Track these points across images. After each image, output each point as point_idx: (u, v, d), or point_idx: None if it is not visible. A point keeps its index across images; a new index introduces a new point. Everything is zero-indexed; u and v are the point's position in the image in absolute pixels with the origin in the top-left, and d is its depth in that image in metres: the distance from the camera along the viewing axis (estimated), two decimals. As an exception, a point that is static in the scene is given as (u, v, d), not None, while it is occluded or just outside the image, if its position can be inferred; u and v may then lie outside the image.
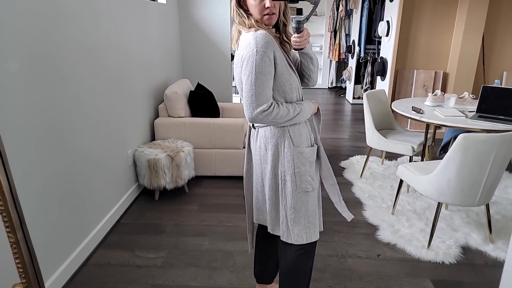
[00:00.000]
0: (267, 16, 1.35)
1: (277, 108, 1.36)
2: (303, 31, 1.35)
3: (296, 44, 1.38)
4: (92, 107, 2.20)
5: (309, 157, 1.49)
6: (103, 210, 2.40)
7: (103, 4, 2.30)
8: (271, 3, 1.32)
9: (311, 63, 1.50)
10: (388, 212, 2.70)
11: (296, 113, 1.41)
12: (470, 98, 3.02)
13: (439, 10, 4.43)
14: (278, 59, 1.35)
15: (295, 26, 1.34)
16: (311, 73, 1.54)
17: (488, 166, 2.03)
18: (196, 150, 3.16)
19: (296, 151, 1.46)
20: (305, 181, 1.48)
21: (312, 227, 1.53)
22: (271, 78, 1.34)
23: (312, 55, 1.49)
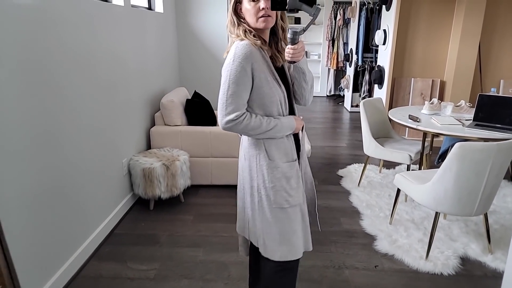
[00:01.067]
0: (263, 19, 1.31)
1: (248, 119, 1.34)
2: (298, 43, 1.31)
3: (290, 56, 1.32)
4: (86, 115, 2.19)
5: (286, 172, 1.44)
6: (96, 220, 2.37)
7: (97, 13, 2.30)
8: (266, 3, 1.29)
9: (304, 79, 1.43)
10: (385, 222, 2.66)
11: (269, 128, 1.36)
12: (467, 106, 3.01)
13: (435, 19, 4.44)
14: (257, 72, 1.32)
15: (291, 37, 1.30)
16: (303, 91, 1.46)
17: (485, 175, 2.01)
18: (192, 158, 3.14)
19: (271, 165, 1.43)
20: (280, 196, 1.44)
21: (289, 245, 1.46)
22: (245, 89, 1.33)
23: (306, 71, 1.42)
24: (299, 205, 1.49)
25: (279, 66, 1.44)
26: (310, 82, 1.46)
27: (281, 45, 1.42)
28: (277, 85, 1.38)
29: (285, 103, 1.42)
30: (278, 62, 1.42)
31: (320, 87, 8.11)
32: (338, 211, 2.90)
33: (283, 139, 1.45)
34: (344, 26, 7.25)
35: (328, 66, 7.78)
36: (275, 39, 1.42)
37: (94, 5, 2.26)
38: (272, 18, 1.33)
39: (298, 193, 1.48)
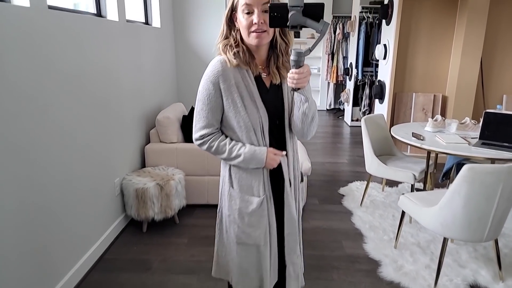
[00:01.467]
0: (255, 34, 1.17)
1: (213, 141, 1.27)
2: (304, 66, 1.12)
3: (294, 82, 1.13)
4: (76, 133, 2.08)
5: (242, 208, 1.31)
6: (85, 244, 2.24)
7: (91, 28, 2.22)
8: (260, 18, 1.15)
9: (304, 111, 1.23)
10: (390, 245, 2.54)
11: (231, 156, 1.26)
12: (472, 124, 2.91)
13: (436, 33, 4.40)
14: (226, 92, 1.22)
15: (294, 59, 1.11)
16: (300, 123, 1.27)
17: (495, 199, 1.90)
18: (188, 177, 3.02)
19: (231, 193, 1.34)
20: (233, 230, 1.34)
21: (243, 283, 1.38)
22: (211, 108, 1.25)
23: (309, 99, 1.22)
24: (256, 246, 1.35)
25: (277, 83, 1.29)
26: (311, 114, 1.25)
27: (283, 61, 1.28)
28: (254, 109, 1.24)
29: (261, 131, 1.27)
30: (275, 79, 1.28)
31: (320, 100, 8.05)
32: (340, 233, 2.77)
33: (252, 169, 1.30)
34: (343, 40, 7.23)
35: (327, 80, 7.74)
36: (275, 54, 1.27)
37: (87, 20, 2.19)
38: (268, 34, 1.20)
39: (257, 233, 1.33)
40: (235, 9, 1.22)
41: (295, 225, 1.40)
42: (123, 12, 2.62)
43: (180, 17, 3.92)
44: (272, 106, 1.28)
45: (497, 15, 4.25)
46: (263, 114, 1.25)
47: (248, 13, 1.17)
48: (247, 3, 1.16)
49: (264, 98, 1.27)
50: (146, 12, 3.39)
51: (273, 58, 1.28)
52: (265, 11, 1.16)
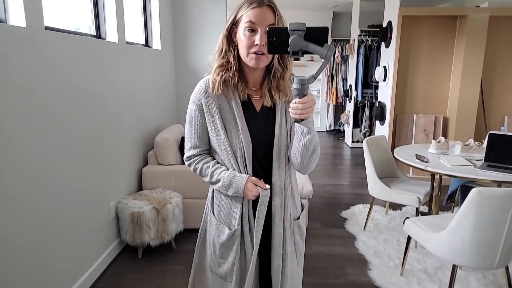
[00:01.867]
0: (255, 56, 1.09)
1: (198, 163, 1.24)
2: (308, 95, 1.00)
3: (298, 113, 1.01)
4: (68, 154, 2.02)
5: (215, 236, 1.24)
6: (76, 272, 2.14)
7: (90, 49, 2.20)
8: (262, 40, 1.07)
9: (305, 143, 1.10)
10: (396, 273, 2.43)
11: (212, 180, 1.20)
12: (476, 145, 2.86)
13: (435, 56, 4.42)
14: (208, 113, 1.18)
15: (298, 87, 0.99)
16: (300, 156, 1.14)
17: (506, 224, 1.82)
18: (186, 200, 2.94)
19: (212, 219, 1.29)
20: (208, 256, 1.30)
21: None
22: (196, 129, 1.22)
23: (312, 131, 1.10)
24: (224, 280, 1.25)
25: (268, 106, 1.19)
26: (312, 146, 1.12)
27: (277, 84, 1.18)
28: (235, 134, 1.16)
29: (243, 158, 1.17)
30: (266, 102, 1.18)
31: (320, 122, 8.05)
32: (343, 259, 2.66)
33: (231, 198, 1.20)
34: (342, 63, 7.30)
35: (327, 101, 7.77)
36: (270, 77, 1.18)
37: (86, 42, 2.18)
38: (267, 57, 1.11)
39: (225, 266, 1.23)
40: (236, 24, 1.14)
41: (276, 276, 1.23)
42: (122, 34, 2.62)
43: (180, 40, 3.94)
44: (260, 131, 1.19)
45: (496, 36, 4.28)
46: (245, 139, 1.16)
47: (250, 31, 1.09)
48: (252, 20, 1.08)
49: (251, 123, 1.18)
50: (146, 35, 3.41)
51: (267, 81, 1.19)
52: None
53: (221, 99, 1.17)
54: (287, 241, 1.23)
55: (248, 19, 1.08)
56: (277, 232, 1.20)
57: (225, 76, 1.15)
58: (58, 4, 2.13)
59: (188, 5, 3.86)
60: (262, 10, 1.08)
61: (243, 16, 1.10)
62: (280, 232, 1.20)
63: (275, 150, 1.18)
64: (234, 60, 1.15)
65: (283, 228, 1.21)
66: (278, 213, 1.20)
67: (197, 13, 3.87)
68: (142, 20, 3.35)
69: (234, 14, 1.14)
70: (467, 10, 4.30)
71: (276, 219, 1.20)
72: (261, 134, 1.19)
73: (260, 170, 1.21)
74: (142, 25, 3.36)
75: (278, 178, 1.19)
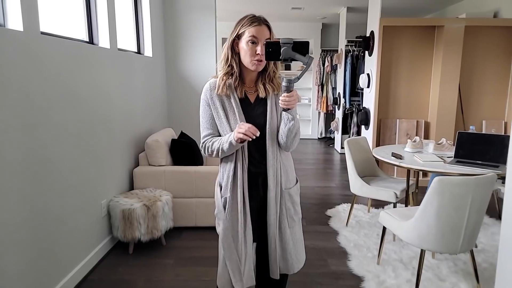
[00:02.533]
0: (256, 62, 1.44)
1: (208, 143, 1.54)
2: (293, 91, 1.38)
3: (285, 104, 1.39)
4: (62, 155, 2.17)
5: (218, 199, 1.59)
6: (69, 265, 2.26)
7: (82, 54, 2.37)
8: (262, 50, 1.40)
9: (289, 127, 1.46)
10: (373, 262, 2.57)
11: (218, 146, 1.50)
12: (448, 144, 3.04)
13: (416, 64, 4.64)
14: (213, 106, 1.52)
15: (286, 85, 1.35)
16: (284, 136, 1.49)
17: (466, 210, 1.98)
18: (176, 199, 3.08)
19: (217, 192, 1.61)
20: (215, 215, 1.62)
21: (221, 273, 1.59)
22: (207, 118, 1.55)
23: (295, 118, 1.46)
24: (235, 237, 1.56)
25: (262, 97, 1.53)
26: (295, 130, 1.49)
27: (269, 81, 1.52)
28: (234, 121, 1.50)
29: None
30: (261, 93, 1.52)
31: (311, 129, 8.24)
32: (325, 252, 2.80)
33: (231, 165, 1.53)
34: (332, 72, 7.53)
35: (318, 109, 7.97)
36: (264, 75, 1.52)
37: (79, 47, 2.35)
38: (264, 63, 1.47)
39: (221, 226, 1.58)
40: (238, 37, 1.47)
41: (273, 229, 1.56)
42: (114, 41, 2.80)
43: (171, 47, 4.13)
44: (255, 117, 1.52)
45: (473, 45, 4.51)
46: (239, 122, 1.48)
47: (252, 43, 1.43)
48: (254, 35, 1.42)
49: (247, 112, 1.52)
50: (138, 42, 3.60)
51: (262, 78, 1.53)
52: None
53: (223, 96, 1.52)
54: (281, 205, 1.57)
55: (251, 34, 1.43)
56: (272, 196, 1.54)
57: (228, 81, 1.50)
58: (54, 10, 2.31)
59: (178, 14, 4.07)
60: (262, 27, 1.44)
61: (246, 31, 1.44)
62: (273, 195, 1.54)
63: (268, 131, 1.51)
64: (237, 66, 1.50)
65: (275, 192, 1.54)
66: (272, 181, 1.53)
67: (187, 21, 4.07)
68: (134, 28, 3.54)
69: (237, 30, 1.47)
70: (443, 21, 4.56)
71: (270, 186, 1.53)
72: (255, 119, 1.51)
73: (254, 149, 1.53)
74: (134, 33, 3.55)
75: (272, 154, 1.52)
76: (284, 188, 1.58)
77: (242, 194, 1.53)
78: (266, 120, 1.52)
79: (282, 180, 1.56)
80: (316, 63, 7.76)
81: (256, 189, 1.56)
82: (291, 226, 1.62)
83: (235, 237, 1.55)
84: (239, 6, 5.86)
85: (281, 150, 1.57)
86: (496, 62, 4.52)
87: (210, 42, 4.10)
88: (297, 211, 1.65)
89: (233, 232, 1.56)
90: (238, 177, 1.51)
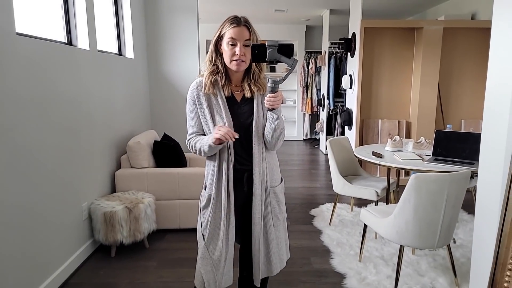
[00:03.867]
0: (236, 62, 1.46)
1: (192, 141, 1.57)
2: (278, 92, 1.41)
3: (270, 104, 1.42)
4: (41, 157, 2.14)
5: (203, 200, 1.60)
6: (48, 269, 2.22)
7: (60, 55, 2.35)
8: (241, 51, 1.44)
9: (274, 126, 1.49)
10: (355, 259, 2.61)
11: (198, 145, 1.52)
12: (427, 143, 3.12)
13: (397, 64, 4.74)
14: (199, 105, 1.55)
15: (271, 85, 1.39)
16: (270, 136, 1.52)
17: (442, 206, 2.03)
18: (159, 202, 3.06)
19: (203, 193, 1.63)
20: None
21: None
22: (193, 116, 1.58)
23: (280, 118, 1.49)
24: (215, 242, 1.56)
25: (248, 97, 1.55)
26: (279, 129, 1.52)
27: (255, 81, 1.55)
28: (220, 120, 1.52)
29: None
30: (247, 93, 1.55)
31: (296, 131, 8.30)
32: (308, 250, 2.83)
33: (215, 164, 1.55)
34: (316, 74, 7.61)
35: (303, 111, 8.04)
36: (250, 76, 1.55)
37: (57, 48, 2.32)
38: (245, 63, 1.48)
39: (207, 231, 1.57)
40: (221, 38, 1.49)
41: (257, 228, 1.57)
42: (94, 42, 2.77)
43: (153, 49, 4.11)
44: (241, 116, 1.55)
45: (452, 47, 4.63)
46: (228, 123, 1.51)
47: (231, 45, 1.45)
48: (233, 37, 1.45)
49: (234, 111, 1.54)
50: (119, 44, 3.57)
51: (247, 78, 1.56)
52: (245, 45, 1.46)
53: (210, 95, 1.54)
54: (266, 203, 1.58)
55: (230, 35, 1.46)
56: (257, 193, 1.55)
57: (214, 79, 1.52)
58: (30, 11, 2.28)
59: (160, 15, 4.05)
60: (240, 28, 1.46)
61: (226, 33, 1.47)
62: (259, 193, 1.55)
63: (254, 129, 1.53)
64: (222, 66, 1.52)
65: (260, 190, 1.55)
66: (257, 179, 1.54)
67: (169, 23, 4.05)
68: (115, 30, 3.51)
69: (219, 31, 1.50)
70: (422, 23, 4.67)
71: (256, 183, 1.55)
72: (241, 118, 1.54)
73: (240, 147, 1.55)
74: (115, 35, 3.52)
75: (257, 152, 1.54)
76: (270, 186, 1.60)
77: (227, 191, 1.53)
78: (252, 119, 1.54)
79: (268, 178, 1.58)
80: (300, 65, 7.83)
81: (240, 185, 1.58)
82: (276, 225, 1.63)
83: (216, 236, 1.55)
84: (222, 8, 5.88)
85: (266, 148, 1.59)
86: (474, 63, 4.64)
87: (193, 44, 4.09)
88: (282, 210, 1.67)
89: (215, 231, 1.55)
90: (223, 174, 1.53)
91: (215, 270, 1.55)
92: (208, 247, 1.56)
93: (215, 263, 1.55)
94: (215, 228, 1.56)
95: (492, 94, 1.51)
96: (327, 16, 6.38)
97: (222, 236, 1.54)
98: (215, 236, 1.55)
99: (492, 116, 1.51)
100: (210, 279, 1.55)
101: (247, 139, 1.54)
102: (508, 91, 1.39)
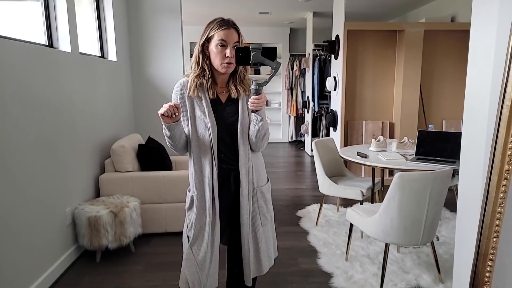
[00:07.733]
0: (225, 64, 1.47)
1: None
2: (261, 94, 1.43)
3: (254, 106, 1.44)
4: (21, 163, 2.08)
5: (187, 202, 1.61)
6: (29, 277, 2.16)
7: (41, 58, 2.30)
8: (231, 53, 1.45)
9: (258, 128, 1.50)
10: (342, 259, 2.63)
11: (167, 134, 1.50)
12: (410, 142, 3.18)
13: (380, 67, 4.83)
14: (182, 105, 1.53)
15: (255, 88, 1.41)
16: (254, 138, 1.54)
17: (425, 203, 2.08)
18: (144, 205, 3.02)
19: (188, 198, 1.63)
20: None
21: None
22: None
23: (264, 119, 1.50)
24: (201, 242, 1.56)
25: (233, 97, 1.56)
26: (263, 130, 1.53)
27: (240, 82, 1.56)
28: (203, 121, 1.52)
29: (209, 138, 1.52)
30: (232, 93, 1.56)
31: (282, 133, 8.34)
32: (295, 251, 2.84)
33: (197, 162, 1.55)
34: (301, 76, 7.68)
35: (288, 113, 8.09)
36: (235, 77, 1.56)
37: (38, 50, 2.27)
38: (233, 65, 1.50)
39: (200, 230, 1.56)
40: (208, 40, 1.49)
41: (246, 228, 1.57)
42: (76, 44, 2.72)
43: (137, 51, 4.06)
44: (226, 117, 1.55)
45: (432, 49, 4.75)
46: (211, 124, 1.51)
47: (222, 46, 1.46)
48: (223, 39, 1.46)
49: (218, 111, 1.55)
50: (102, 46, 3.52)
51: (233, 79, 1.57)
52: (233, 48, 1.46)
53: (194, 98, 1.54)
54: (254, 202, 1.59)
55: (220, 37, 1.46)
56: (244, 194, 1.56)
57: (199, 82, 1.52)
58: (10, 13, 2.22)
59: (143, 18, 4.01)
60: (230, 31, 1.47)
61: (215, 35, 1.47)
62: (246, 193, 1.56)
63: (240, 130, 1.54)
64: (208, 68, 1.52)
65: (248, 190, 1.56)
66: (244, 179, 1.55)
67: (152, 25, 4.02)
68: (97, 32, 3.46)
69: (207, 33, 1.49)
70: (404, 25, 4.78)
71: (243, 184, 1.55)
72: (226, 119, 1.55)
73: (225, 147, 1.55)
74: (97, 37, 3.47)
75: (243, 152, 1.55)
76: (256, 186, 1.61)
77: (211, 191, 1.53)
78: (238, 119, 1.55)
79: (254, 178, 1.59)
80: (285, 67, 7.89)
81: (227, 186, 1.58)
82: (264, 224, 1.64)
83: (201, 237, 1.55)
84: (205, 10, 5.87)
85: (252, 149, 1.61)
86: (454, 64, 4.77)
87: (177, 46, 4.07)
88: (269, 209, 1.68)
89: (200, 232, 1.55)
90: (207, 175, 1.53)
91: (200, 271, 1.54)
92: (193, 248, 1.55)
93: (200, 264, 1.54)
94: (200, 230, 1.55)
95: (471, 95, 1.55)
96: (311, 19, 6.45)
97: (207, 237, 1.54)
98: (200, 237, 1.55)
99: (471, 116, 1.56)
100: (195, 280, 1.54)
101: (232, 139, 1.55)
102: (487, 92, 1.43)
